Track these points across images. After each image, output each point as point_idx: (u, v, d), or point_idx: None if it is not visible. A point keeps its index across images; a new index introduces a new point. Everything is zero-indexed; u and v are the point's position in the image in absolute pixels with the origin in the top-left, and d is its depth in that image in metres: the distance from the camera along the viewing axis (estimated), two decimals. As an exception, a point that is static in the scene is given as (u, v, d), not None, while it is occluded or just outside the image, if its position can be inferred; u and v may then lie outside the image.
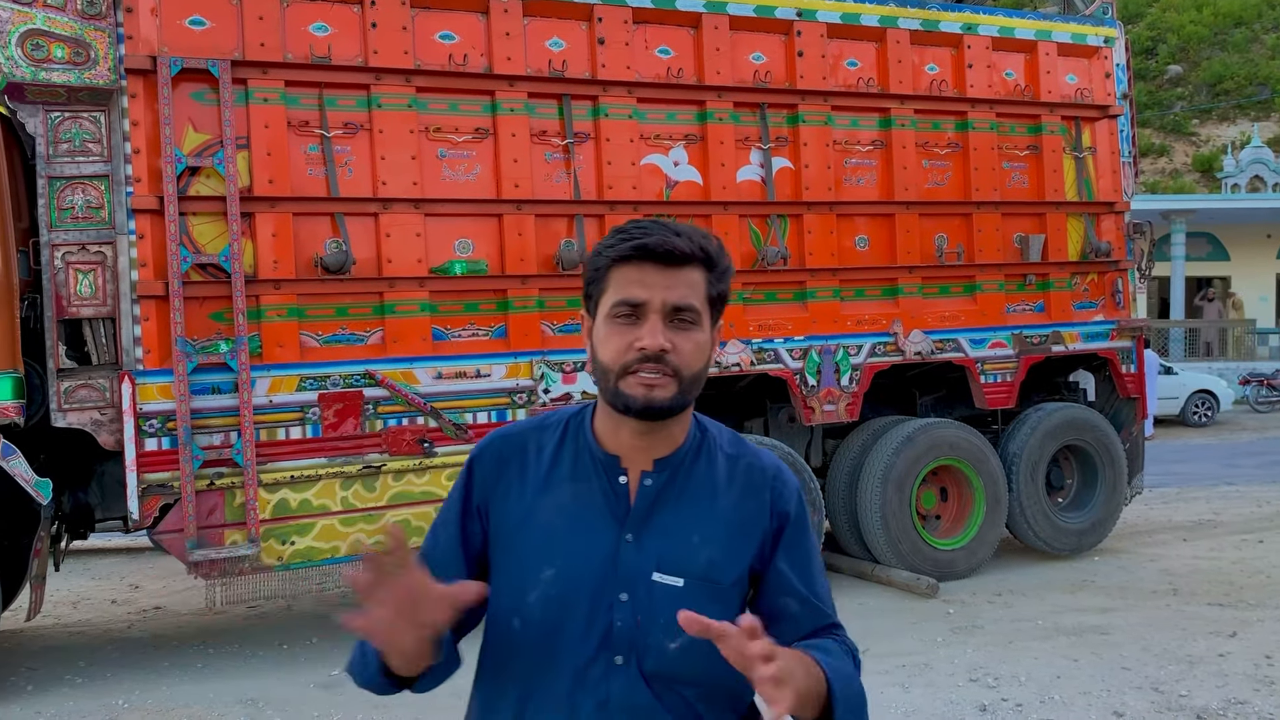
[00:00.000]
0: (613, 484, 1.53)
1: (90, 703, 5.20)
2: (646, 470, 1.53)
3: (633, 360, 1.45)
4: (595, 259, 1.51)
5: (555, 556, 1.50)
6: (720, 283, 1.53)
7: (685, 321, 1.47)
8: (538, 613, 1.49)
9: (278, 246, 5.57)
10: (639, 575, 1.49)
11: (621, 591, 1.48)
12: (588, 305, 1.54)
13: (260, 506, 5.49)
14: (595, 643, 1.48)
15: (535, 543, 1.52)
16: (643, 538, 1.50)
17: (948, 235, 7.28)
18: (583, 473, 1.54)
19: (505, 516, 1.55)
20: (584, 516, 1.52)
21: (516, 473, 1.56)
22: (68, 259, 5.31)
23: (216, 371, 5.44)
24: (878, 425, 7.26)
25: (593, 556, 1.50)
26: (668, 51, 6.52)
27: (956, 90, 7.34)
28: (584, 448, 1.56)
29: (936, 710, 4.74)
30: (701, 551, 1.51)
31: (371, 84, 5.77)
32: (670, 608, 1.45)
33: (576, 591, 1.49)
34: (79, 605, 7.36)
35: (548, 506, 1.53)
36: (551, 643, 1.49)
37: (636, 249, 1.46)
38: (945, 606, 6.52)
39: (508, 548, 1.54)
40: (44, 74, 5.18)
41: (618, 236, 1.49)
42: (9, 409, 5.16)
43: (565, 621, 1.49)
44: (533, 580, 1.50)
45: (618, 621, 1.48)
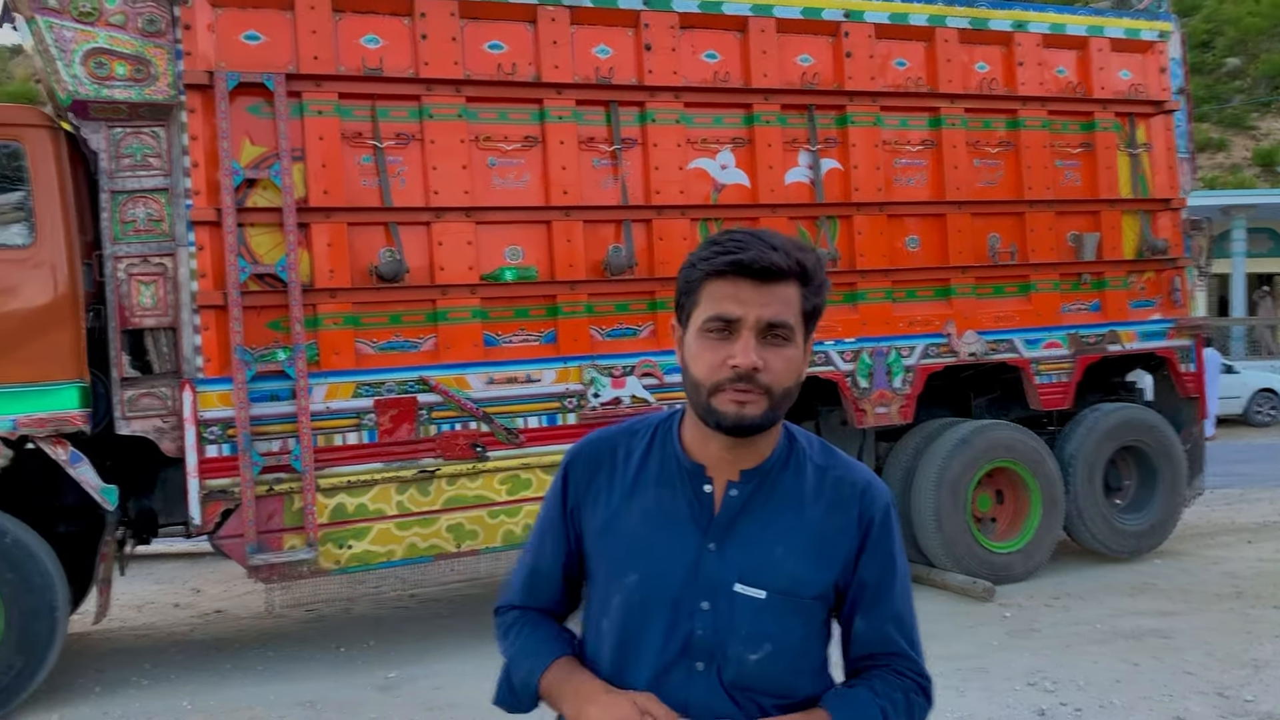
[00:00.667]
0: (697, 492, 1.53)
1: (156, 704, 5.33)
2: (732, 480, 1.53)
3: (725, 379, 1.44)
4: (689, 270, 1.49)
5: (639, 562, 1.52)
6: (815, 297, 1.49)
7: (779, 338, 1.45)
8: (621, 616, 1.52)
9: (333, 256, 5.67)
10: (721, 585, 1.49)
11: (703, 600, 1.49)
12: (679, 315, 1.53)
13: (318, 511, 5.58)
14: (676, 649, 1.49)
15: (620, 547, 1.54)
16: (726, 547, 1.50)
17: (1000, 235, 7.20)
18: (668, 480, 1.55)
19: (593, 520, 1.58)
20: (668, 523, 1.53)
21: (606, 477, 1.59)
22: (130, 271, 5.45)
23: (275, 379, 5.55)
24: (931, 428, 7.20)
25: (675, 563, 1.50)
26: (714, 56, 6.53)
27: (1007, 88, 7.27)
28: (671, 455, 1.56)
29: (993, 714, 4.69)
30: (785, 564, 1.51)
31: (422, 95, 5.85)
32: (750, 619, 1.48)
33: (659, 597, 1.50)
34: (143, 609, 7.53)
35: (633, 512, 1.55)
36: (634, 646, 1.51)
37: (732, 264, 1.43)
38: (1001, 610, 6.45)
39: (596, 551, 1.58)
40: (106, 91, 5.32)
41: (712, 249, 1.46)
42: (76, 417, 5.30)
43: (647, 626, 1.50)
44: (618, 584, 1.53)
45: (699, 629, 1.49)
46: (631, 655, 1.51)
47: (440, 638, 6.30)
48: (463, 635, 6.29)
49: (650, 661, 1.50)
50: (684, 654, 1.49)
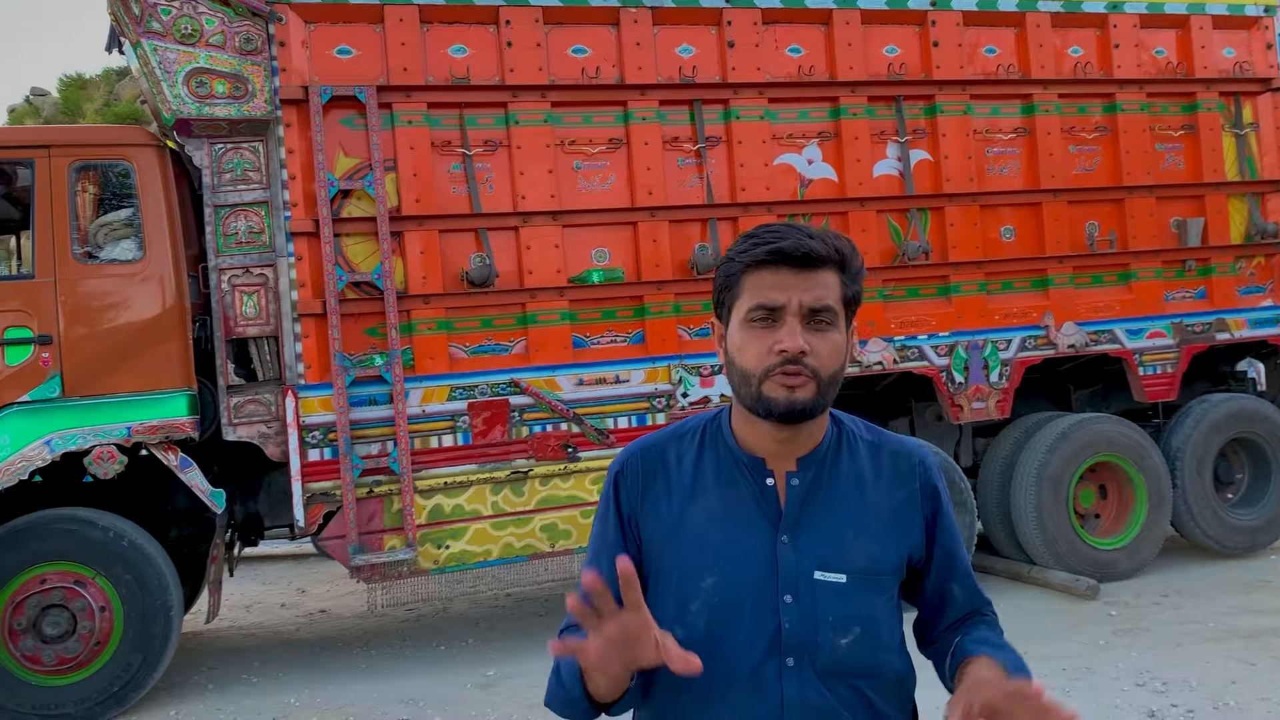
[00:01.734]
0: (760, 486, 1.53)
1: (264, 701, 5.50)
2: (791, 470, 1.53)
3: (774, 364, 1.45)
4: (728, 265, 1.51)
5: (713, 564, 1.50)
6: (854, 283, 1.52)
7: (823, 323, 1.47)
8: (702, 622, 1.50)
9: (426, 263, 5.78)
10: (800, 576, 1.49)
11: (785, 594, 1.48)
12: (719, 312, 1.55)
13: (416, 512, 5.70)
14: (764, 646, 1.48)
15: (690, 552, 1.52)
16: (798, 538, 1.50)
17: (1099, 222, 7.00)
18: (728, 478, 1.55)
19: (656, 528, 1.56)
20: (736, 522, 1.52)
21: (662, 484, 1.57)
22: (233, 282, 5.64)
23: (372, 384, 5.69)
24: (1030, 422, 7.03)
25: (751, 561, 1.50)
26: (798, 50, 6.48)
27: (1103, 71, 7.06)
28: (725, 453, 1.56)
29: (1100, 715, 4.56)
30: (858, 545, 1.52)
31: (509, 101, 5.94)
32: (836, 605, 1.48)
33: (739, 597, 1.49)
34: (251, 609, 7.79)
35: (698, 515, 1.53)
36: (720, 650, 1.49)
37: (772, 253, 1.46)
38: (1107, 608, 6.26)
39: (662, 559, 1.55)
40: (207, 109, 5.52)
41: (750, 241, 1.49)
42: (185, 424, 5.51)
43: (731, 628, 1.49)
44: (692, 590, 1.51)
45: (786, 624, 1.48)
46: (721, 658, 1.49)
47: (537, 636, 6.38)
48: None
49: (741, 661, 1.49)
50: (773, 650, 1.48)
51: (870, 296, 6.46)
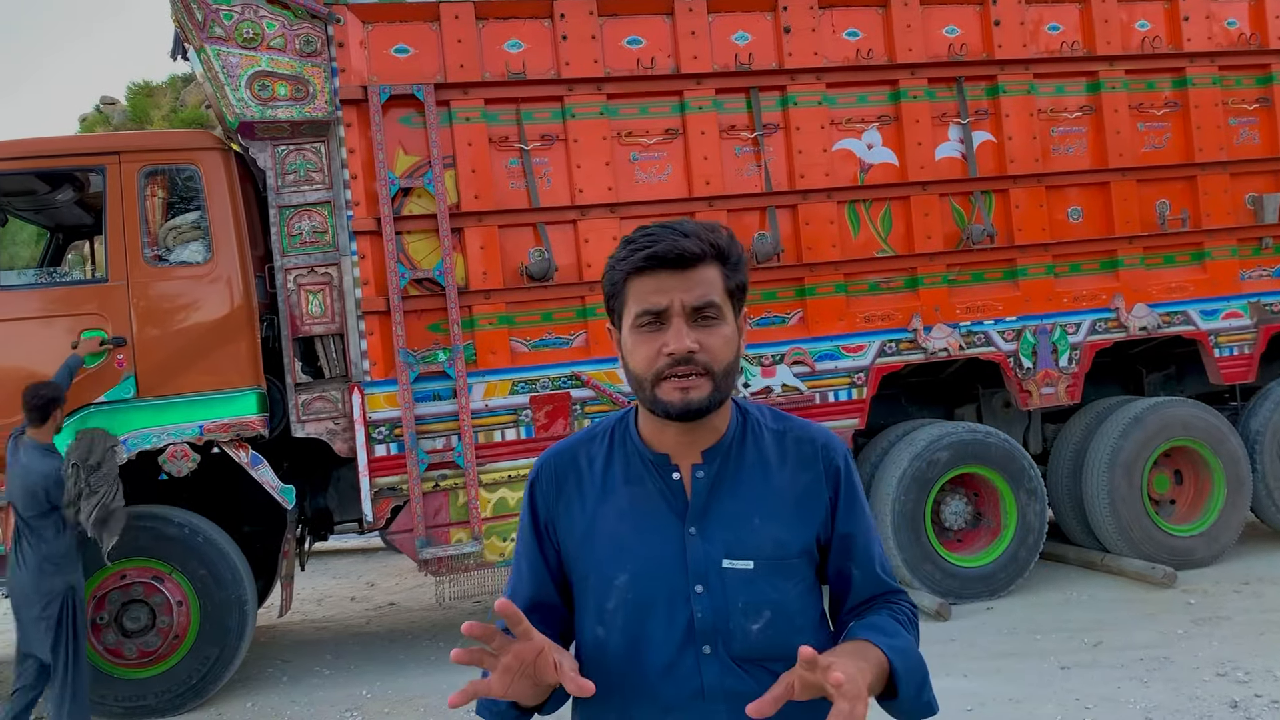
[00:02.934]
0: (667, 482, 1.55)
1: (337, 692, 5.60)
2: (696, 463, 1.55)
3: (664, 365, 1.47)
4: (610, 273, 1.53)
5: (625, 561, 1.53)
6: (736, 274, 1.53)
7: (708, 318, 1.49)
8: (620, 619, 1.53)
9: (486, 258, 5.82)
10: (710, 565, 1.51)
11: (696, 584, 1.51)
12: (612, 319, 1.57)
13: (481, 505, 5.75)
14: (680, 637, 1.51)
15: (603, 551, 1.55)
16: (706, 528, 1.53)
17: (1170, 201, 6.81)
18: (636, 476, 1.57)
19: (570, 531, 1.58)
20: (646, 518, 1.54)
21: (574, 487, 1.60)
22: (299, 281, 5.73)
23: (436, 379, 5.74)
24: (1101, 407, 6.87)
25: (661, 555, 1.52)
26: (856, 34, 6.39)
27: (1172, 45, 6.86)
28: (633, 451, 1.59)
29: (1180, 706, 4.45)
30: (765, 531, 1.54)
31: (565, 95, 5.94)
32: (745, 591, 1.51)
33: (652, 592, 1.52)
34: (322, 602, 7.92)
35: (609, 514, 1.56)
36: (640, 644, 1.52)
37: (648, 259, 1.47)
38: (1185, 597, 6.10)
39: (578, 561, 1.58)
40: (270, 111, 5.60)
41: (628, 248, 1.50)
42: (255, 422, 5.61)
43: (646, 622, 1.52)
44: (608, 589, 1.54)
45: (698, 613, 1.50)
46: (639, 653, 1.52)
47: (602, 628, 6.39)
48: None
49: (658, 654, 1.51)
50: (689, 640, 1.50)
51: (935, 282, 6.37)
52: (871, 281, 6.35)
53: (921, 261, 6.36)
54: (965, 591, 6.28)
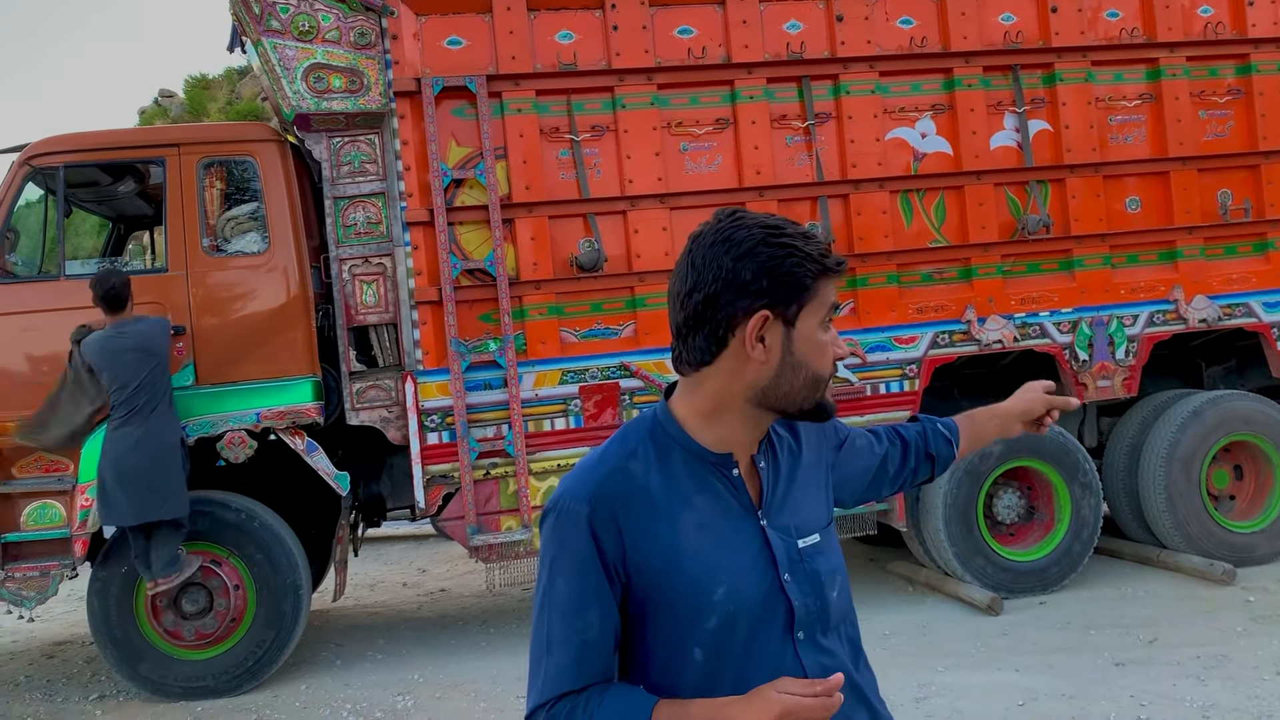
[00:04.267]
0: (731, 479, 1.53)
1: (389, 676, 5.68)
2: (753, 454, 1.56)
3: (832, 369, 1.54)
4: (807, 263, 1.45)
5: (719, 574, 1.47)
6: None
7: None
8: (725, 634, 1.47)
9: (536, 249, 5.85)
10: (789, 552, 1.53)
11: (784, 573, 1.51)
12: (779, 309, 1.45)
13: (531, 494, 5.79)
14: (780, 632, 1.50)
15: (694, 569, 1.46)
16: (774, 517, 1.54)
17: (1232, 190, 6.65)
18: (701, 481, 1.51)
19: (651, 559, 1.46)
20: (724, 523, 1.50)
21: (646, 510, 1.47)
22: (353, 271, 5.81)
23: (487, 369, 5.79)
24: (1159, 400, 6.75)
25: (751, 558, 1.50)
26: (909, 21, 6.32)
27: (1236, 31, 6.69)
28: (690, 457, 1.51)
29: (1239, 705, 4.37)
30: (814, 503, 1.61)
31: (615, 86, 5.95)
32: (823, 564, 1.56)
33: (751, 596, 1.49)
34: (375, 588, 8.04)
35: (689, 529, 1.48)
36: (746, 656, 1.48)
37: (839, 265, 1.50)
38: (1244, 594, 5.98)
39: (665, 587, 1.47)
40: (325, 104, 5.68)
41: (817, 246, 1.48)
42: (310, 410, 5.70)
43: (755, 629, 1.49)
44: (707, 606, 1.46)
45: (795, 601, 1.51)
46: (748, 663, 1.47)
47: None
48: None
49: (766, 656, 1.49)
50: (786, 632, 1.51)
51: (989, 272, 6.29)
52: (924, 272, 6.29)
53: (976, 252, 6.29)
54: (1017, 586, 6.21)
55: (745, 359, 1.46)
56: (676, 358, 1.53)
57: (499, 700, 5.16)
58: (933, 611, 6.11)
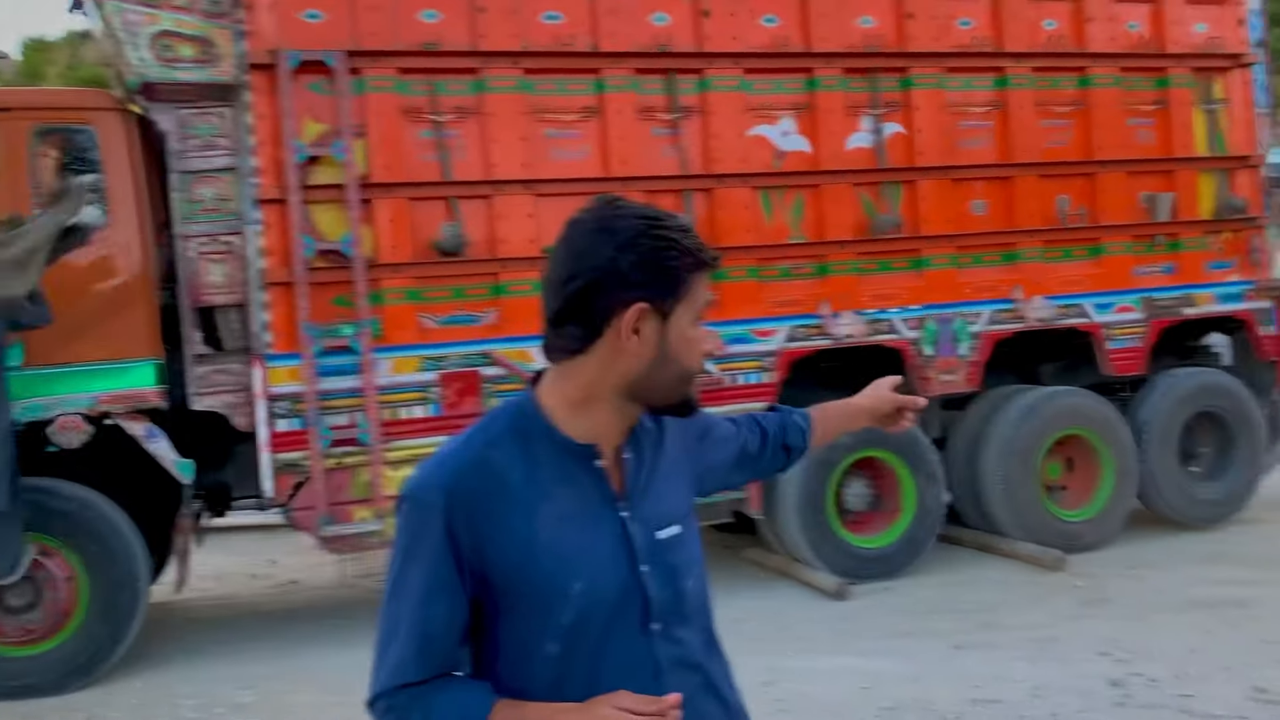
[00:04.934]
0: (594, 470, 1.50)
1: (232, 670, 5.48)
2: (617, 445, 1.53)
3: (701, 364, 1.53)
4: (677, 258, 1.44)
5: (578, 567, 1.45)
6: None
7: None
8: (581, 628, 1.45)
9: (395, 231, 5.72)
10: (649, 542, 1.51)
11: (642, 564, 1.50)
12: (658, 305, 1.44)
13: (386, 483, 5.67)
14: (636, 624, 1.49)
15: (551, 563, 1.44)
16: (635, 508, 1.52)
17: (1070, 196, 7.02)
18: (564, 472, 1.48)
19: (507, 553, 1.43)
20: (585, 515, 1.48)
21: (502, 502, 1.44)
22: (200, 249, 5.56)
23: (341, 354, 5.64)
24: (999, 395, 7.08)
25: (610, 549, 1.48)
26: (774, 20, 6.43)
27: (1076, 45, 7.06)
28: (554, 447, 1.48)
29: (1066, 685, 4.63)
30: (676, 493, 1.60)
31: (480, 68, 5.86)
32: (676, 554, 1.55)
33: (609, 589, 1.47)
34: (221, 580, 7.74)
35: (547, 522, 1.45)
36: (602, 650, 1.46)
37: (714, 261, 1.50)
38: (1073, 579, 6.34)
39: (517, 582, 1.44)
40: (173, 73, 5.41)
41: (694, 241, 1.47)
42: (151, 394, 5.44)
43: (610, 622, 1.47)
44: (562, 601, 1.44)
45: (651, 593, 1.50)
46: (602, 658, 1.46)
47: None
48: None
49: (622, 650, 1.47)
50: (642, 623, 1.49)
51: (843, 270, 6.47)
52: (783, 268, 6.42)
53: (831, 249, 6.46)
54: (864, 572, 6.43)
55: (619, 350, 1.44)
56: (548, 345, 1.49)
57: (349, 693, 5.01)
58: (784, 597, 6.26)
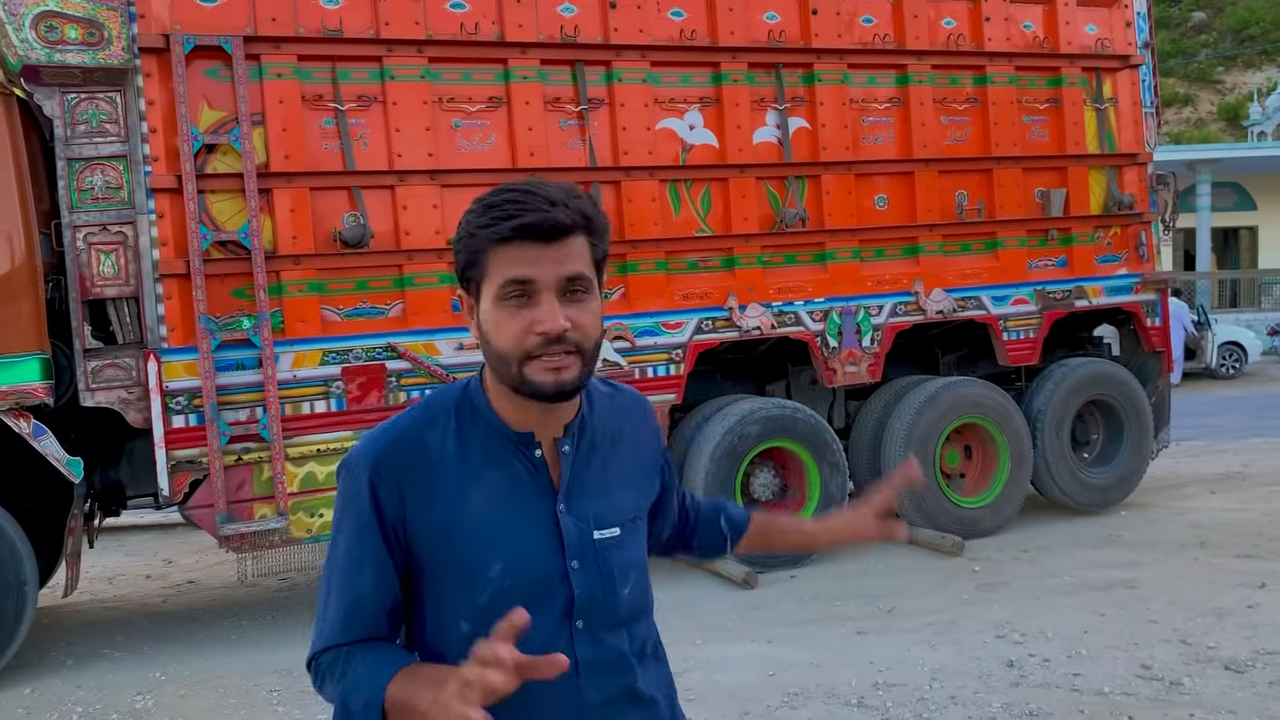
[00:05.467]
0: (532, 460, 1.49)
1: (127, 675, 5.30)
2: (558, 437, 1.51)
3: (534, 345, 1.39)
4: (470, 241, 1.41)
5: (499, 550, 1.45)
6: (602, 243, 1.47)
7: (579, 291, 1.42)
8: (495, 611, 1.38)
9: (296, 222, 5.59)
10: (582, 539, 1.49)
11: (572, 560, 1.48)
12: (467, 287, 1.46)
13: (288, 480, 5.55)
14: (556, 616, 1.47)
15: (473, 542, 1.45)
16: (573, 504, 1.50)
17: (968, 192, 7.21)
18: (498, 457, 1.48)
19: (428, 528, 1.45)
20: (515, 502, 1.47)
21: (428, 478, 1.45)
22: (89, 240, 5.35)
23: (240, 348, 5.49)
24: (900, 385, 7.25)
25: (536, 537, 1.47)
26: (680, 14, 6.46)
27: (974, 44, 7.24)
28: (489, 431, 1.49)
29: (963, 667, 4.76)
30: (622, 497, 1.57)
31: (384, 56, 5.76)
32: (614, 557, 1.53)
33: (529, 577, 1.46)
34: (114, 581, 7.49)
35: (474, 503, 1.46)
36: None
37: (516, 230, 1.37)
38: (971, 564, 6.53)
39: (441, 558, 1.46)
40: (58, 55, 5.19)
41: (490, 214, 1.39)
42: (38, 390, 5.22)
43: (526, 609, 1.40)
44: (480, 581, 1.44)
45: (577, 589, 1.48)
46: (519, 646, 1.39)
47: (415, 603, 6.31)
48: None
49: (535, 640, 1.42)
50: (564, 618, 1.48)
51: (750, 263, 6.54)
52: (690, 260, 6.46)
53: (738, 242, 6.52)
54: (771, 561, 6.51)
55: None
56: None
57: (249, 695, 4.92)
58: (694, 588, 6.31)
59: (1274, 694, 4.29)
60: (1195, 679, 4.49)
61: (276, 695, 4.90)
